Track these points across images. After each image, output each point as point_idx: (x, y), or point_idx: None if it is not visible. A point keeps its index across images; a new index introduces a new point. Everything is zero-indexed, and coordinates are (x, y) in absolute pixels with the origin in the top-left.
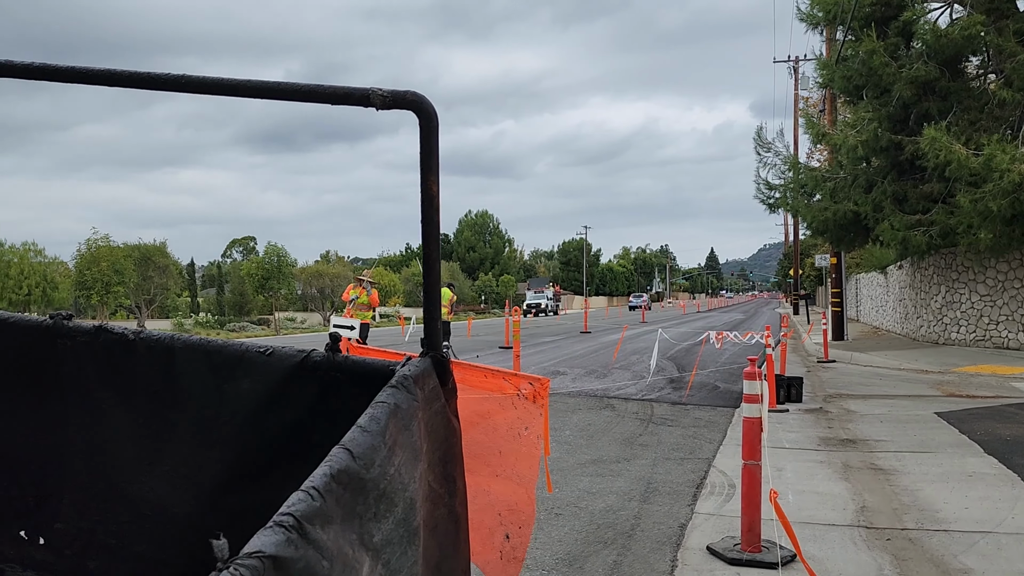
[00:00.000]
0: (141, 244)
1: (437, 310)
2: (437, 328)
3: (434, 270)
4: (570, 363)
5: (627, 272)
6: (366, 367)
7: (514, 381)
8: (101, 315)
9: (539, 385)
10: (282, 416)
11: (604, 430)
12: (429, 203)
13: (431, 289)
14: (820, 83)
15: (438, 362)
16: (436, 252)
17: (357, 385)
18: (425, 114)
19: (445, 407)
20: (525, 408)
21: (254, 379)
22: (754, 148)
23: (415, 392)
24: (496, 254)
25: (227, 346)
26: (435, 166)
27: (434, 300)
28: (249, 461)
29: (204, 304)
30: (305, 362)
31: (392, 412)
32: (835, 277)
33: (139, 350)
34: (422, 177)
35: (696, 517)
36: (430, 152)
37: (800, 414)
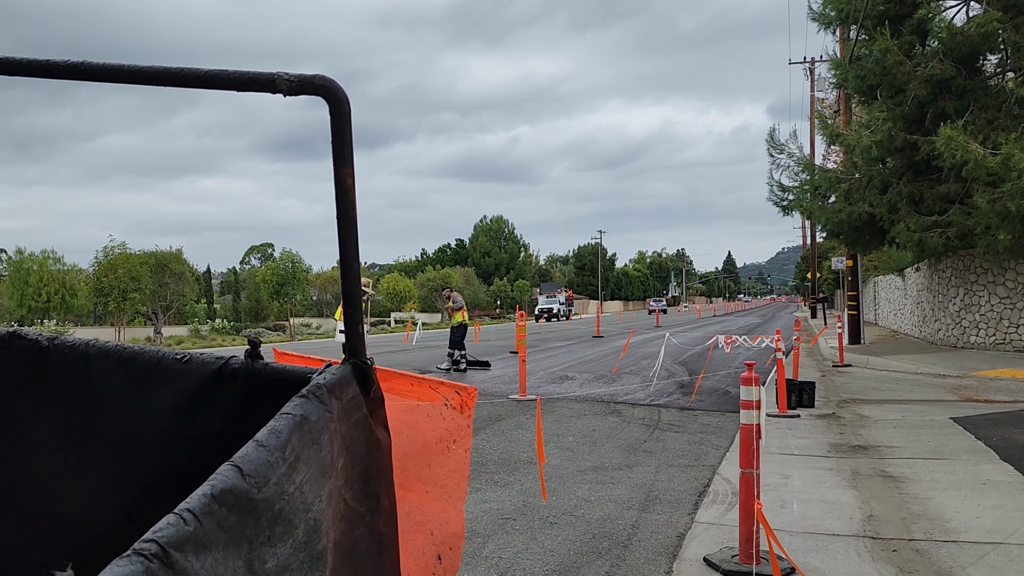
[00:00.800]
0: (157, 251)
1: (357, 313)
2: (359, 333)
3: (352, 270)
4: (579, 368)
5: (643, 276)
6: (285, 375)
7: (441, 390)
8: (119, 321)
9: (465, 395)
10: (202, 426)
11: (608, 436)
12: (344, 197)
13: (350, 291)
14: (834, 83)
15: (359, 369)
16: (354, 251)
17: (278, 393)
18: (335, 100)
19: (368, 418)
20: (453, 419)
21: (171, 387)
22: (767, 150)
23: (328, 402)
24: (511, 259)
25: (143, 353)
26: (349, 157)
27: (353, 302)
28: (169, 473)
29: (221, 310)
30: (223, 370)
31: (297, 425)
32: (851, 280)
33: (53, 357)
34: (335, 169)
35: (696, 526)
36: (343, 141)
37: (811, 420)
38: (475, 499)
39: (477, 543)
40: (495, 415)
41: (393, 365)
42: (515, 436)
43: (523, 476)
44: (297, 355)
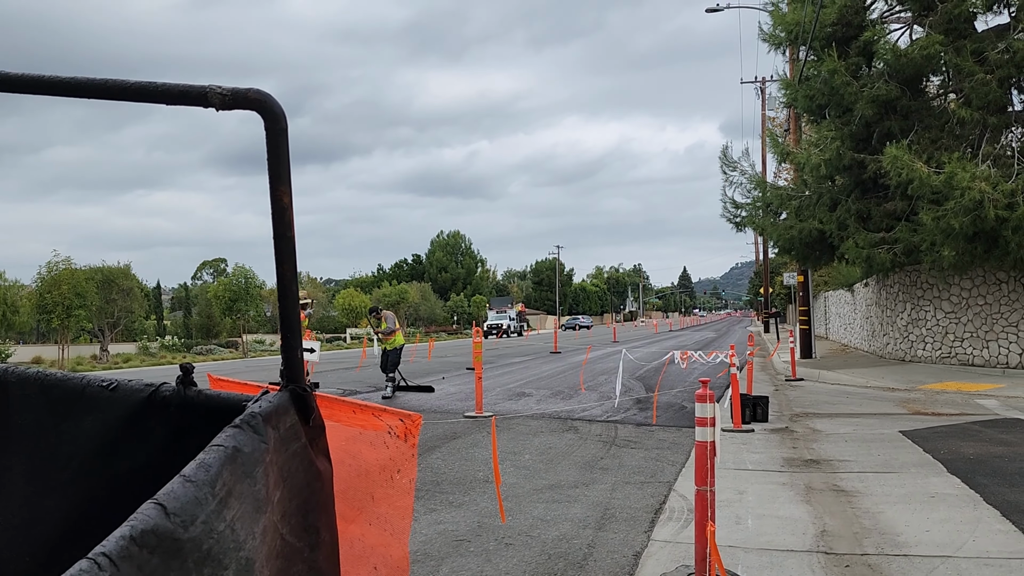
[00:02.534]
0: (104, 266)
1: (296, 338)
2: (298, 357)
3: (291, 293)
4: (537, 384)
5: (600, 292)
6: (220, 402)
7: (385, 417)
8: (63, 339)
9: (410, 422)
10: (130, 459)
11: (565, 453)
12: (281, 216)
13: (288, 314)
14: (784, 103)
15: (298, 396)
16: (292, 273)
17: (213, 423)
18: (271, 115)
19: (307, 447)
20: (397, 448)
21: (97, 417)
22: (720, 167)
23: (264, 432)
24: (468, 274)
25: (67, 380)
26: (286, 174)
27: (291, 326)
28: (92, 510)
29: (171, 327)
30: (153, 397)
31: (229, 458)
32: (802, 295)
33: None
34: (272, 187)
35: (652, 545)
36: (279, 158)
37: (765, 434)
38: (429, 520)
39: (430, 566)
40: (451, 433)
41: (348, 383)
42: (471, 455)
43: (479, 496)
44: (233, 381)
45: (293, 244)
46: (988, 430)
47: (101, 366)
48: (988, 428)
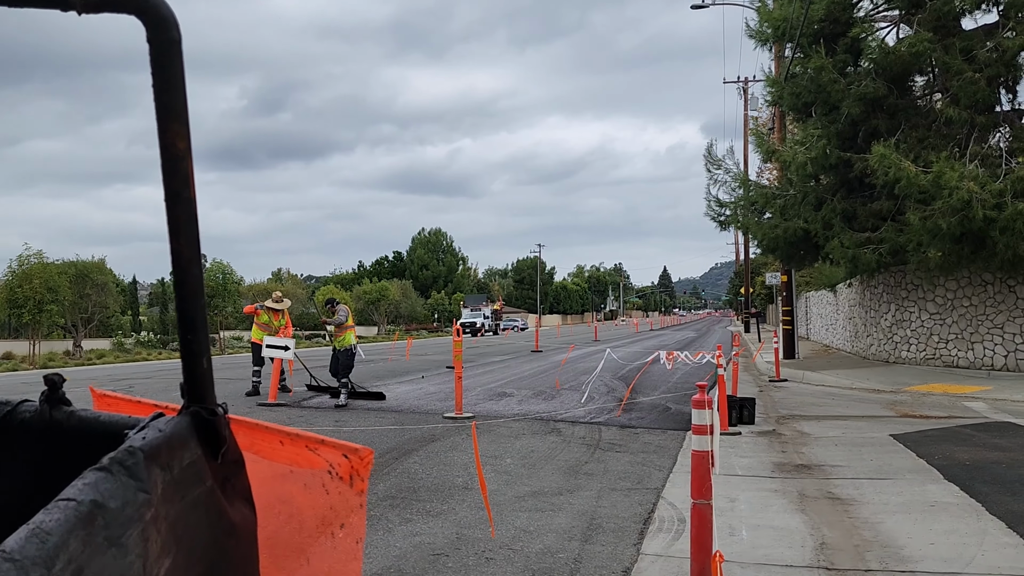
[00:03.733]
0: (78, 261)
1: (201, 340)
2: (203, 368)
3: (191, 275)
4: (518, 384)
5: (581, 290)
6: (100, 427)
7: (323, 451)
8: (34, 335)
9: (356, 459)
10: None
11: (548, 457)
12: (173, 169)
13: (187, 306)
14: (769, 101)
15: (202, 422)
16: (193, 249)
17: (89, 455)
18: (156, 19)
19: (215, 493)
20: (339, 494)
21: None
22: (704, 165)
23: (146, 476)
24: (450, 272)
25: None
26: (180, 106)
27: (192, 324)
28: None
29: (147, 323)
30: (8, 420)
31: (82, 519)
32: (786, 295)
33: None
34: (160, 126)
35: (642, 559)
36: (169, 81)
37: (753, 437)
38: (405, 531)
39: None
40: (429, 435)
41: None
42: (449, 459)
43: (457, 504)
44: (124, 398)
45: (194, 210)
46: (980, 434)
47: (74, 362)
48: (980, 432)
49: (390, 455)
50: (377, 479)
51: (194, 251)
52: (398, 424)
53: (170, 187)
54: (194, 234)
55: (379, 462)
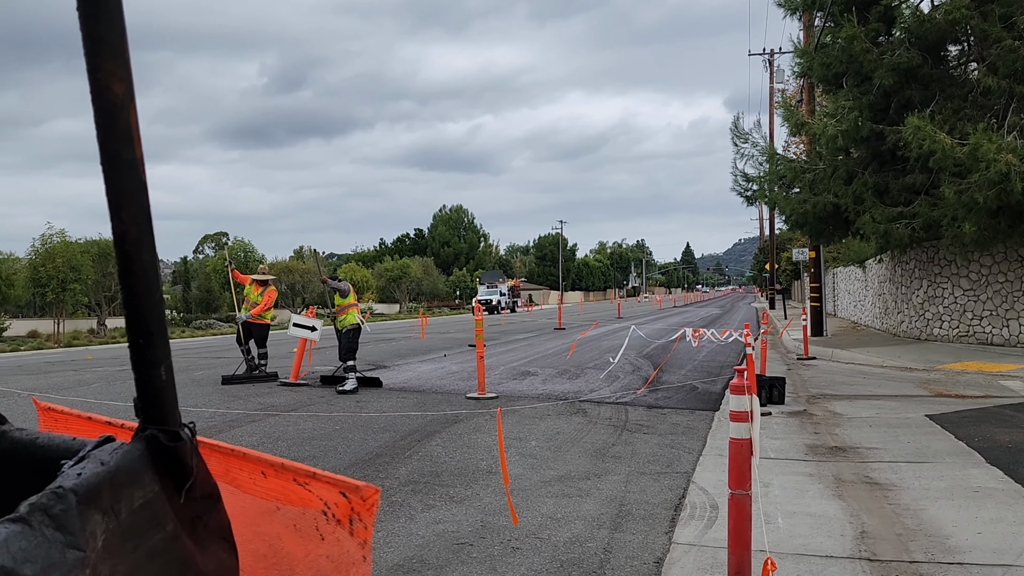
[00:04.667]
0: (101, 239)
1: (159, 349)
2: (160, 381)
3: (141, 264)
4: (541, 362)
5: (603, 267)
6: (35, 451)
7: (316, 488)
8: (58, 313)
9: (357, 499)
10: None
11: (574, 439)
12: (111, 120)
13: (140, 303)
14: (798, 72)
15: (160, 449)
16: (142, 231)
17: (16, 482)
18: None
19: (178, 538)
20: (337, 541)
21: None
22: (731, 139)
23: (76, 527)
24: (471, 249)
25: None
26: (114, 33)
27: (144, 326)
28: None
29: (170, 301)
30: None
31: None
32: (813, 271)
33: None
34: (89, 63)
35: (675, 549)
36: (99, 1)
37: (784, 418)
38: (427, 519)
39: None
40: (452, 416)
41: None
42: (473, 441)
43: (481, 489)
44: (73, 413)
45: (141, 175)
46: (1020, 415)
47: (99, 340)
48: (1020, 412)
49: (412, 437)
50: (399, 463)
51: (143, 231)
52: (420, 405)
53: (107, 147)
54: (143, 209)
55: (401, 445)
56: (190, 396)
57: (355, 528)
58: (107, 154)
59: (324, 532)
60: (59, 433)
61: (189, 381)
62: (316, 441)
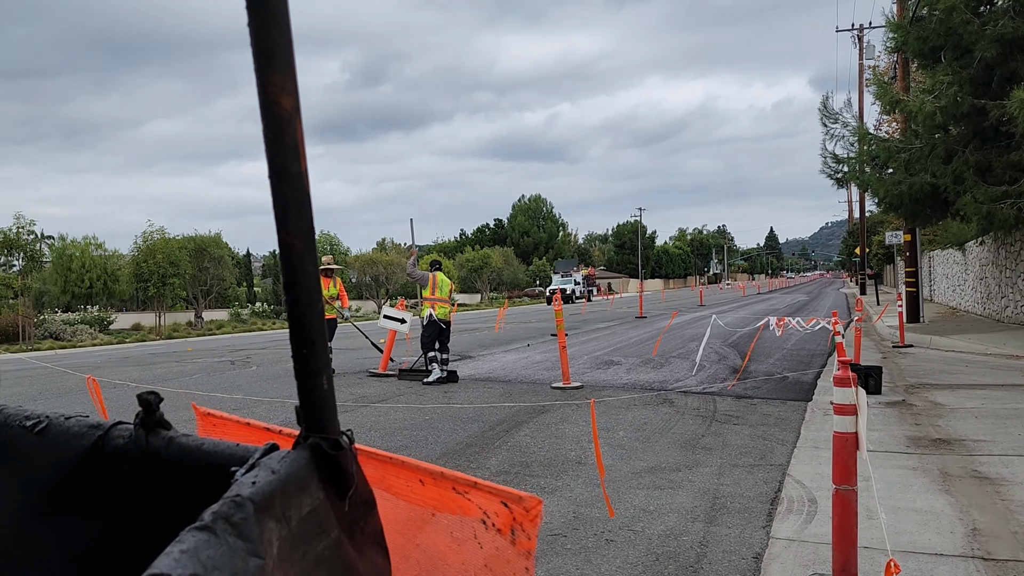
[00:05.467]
0: (196, 235)
1: (321, 359)
2: (323, 389)
3: (306, 276)
4: (624, 352)
5: (683, 254)
6: (200, 457)
7: (475, 496)
8: (159, 307)
9: (519, 509)
10: (60, 537)
11: (662, 430)
12: (279, 134)
13: (304, 313)
14: (891, 47)
15: (324, 458)
16: (307, 242)
17: (185, 487)
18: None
19: (341, 544)
20: (496, 550)
21: (14, 473)
22: (820, 120)
23: (255, 535)
24: (550, 238)
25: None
26: (283, 49)
27: (308, 336)
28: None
29: (261, 294)
30: (100, 446)
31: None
32: (909, 255)
33: None
34: (259, 77)
35: (773, 544)
36: (269, 15)
37: (881, 408)
38: None
39: None
40: (538, 406)
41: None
42: (561, 431)
43: (571, 480)
44: (230, 419)
45: (305, 188)
46: None
47: (196, 332)
48: None
49: (500, 427)
50: (489, 453)
51: (307, 243)
52: (506, 395)
53: (275, 160)
54: (307, 221)
55: (490, 435)
56: (284, 386)
57: (517, 538)
58: (275, 167)
59: (482, 541)
60: (217, 438)
61: (283, 372)
62: (407, 431)
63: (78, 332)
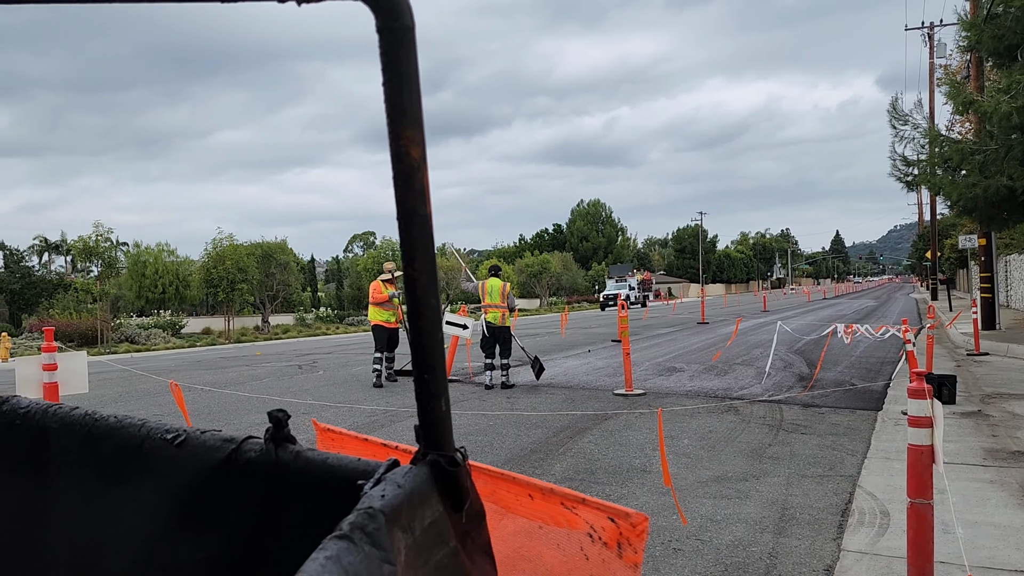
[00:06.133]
0: (263, 242)
1: (440, 383)
2: (441, 412)
3: (429, 308)
4: (686, 358)
5: (746, 258)
6: (325, 471)
7: (583, 511)
8: (229, 311)
9: (626, 525)
10: (196, 545)
11: (727, 438)
12: (409, 181)
13: (426, 341)
14: (964, 46)
15: (442, 473)
16: (429, 272)
17: (312, 499)
18: (386, 6)
19: (457, 553)
20: (603, 563)
21: (157, 484)
22: (888, 121)
23: (387, 544)
24: (609, 243)
25: (121, 428)
26: (414, 108)
27: (430, 362)
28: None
29: (325, 299)
30: (233, 459)
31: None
32: (984, 260)
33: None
34: (391, 131)
35: (845, 557)
36: (401, 77)
37: (955, 419)
38: None
39: None
40: (601, 413)
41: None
42: (624, 438)
43: (636, 487)
44: (349, 435)
45: (430, 229)
46: None
47: (263, 337)
48: None
49: (564, 434)
50: (554, 460)
51: (431, 278)
52: (569, 401)
53: (404, 204)
54: (431, 258)
55: (554, 441)
56: (351, 391)
57: (624, 552)
58: (404, 210)
59: (588, 553)
60: (335, 451)
61: (349, 377)
62: (472, 436)
63: (152, 336)
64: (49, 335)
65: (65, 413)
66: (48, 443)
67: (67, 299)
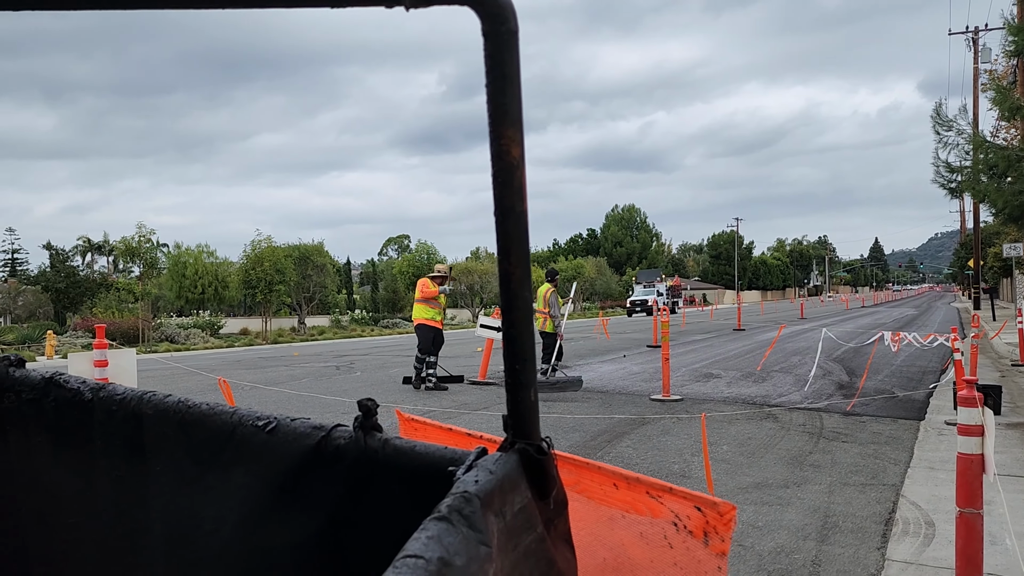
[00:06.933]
0: (301, 244)
1: (530, 374)
2: (530, 402)
3: (522, 301)
4: (724, 364)
5: (782, 265)
6: (415, 458)
7: (668, 500)
8: (266, 312)
9: (713, 514)
10: (288, 527)
11: (767, 445)
12: (507, 180)
13: (518, 333)
14: (1011, 51)
15: (531, 461)
16: (523, 268)
17: (401, 485)
18: (493, 10)
19: (544, 539)
20: (687, 551)
21: (249, 469)
22: (932, 127)
23: (483, 526)
24: (643, 248)
25: (213, 415)
26: (515, 109)
27: (521, 353)
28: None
29: (360, 301)
30: (323, 445)
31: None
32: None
33: (97, 414)
34: (492, 131)
35: (890, 566)
36: (506, 79)
37: (1001, 429)
38: None
39: None
40: (638, 418)
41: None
42: (663, 443)
43: None
44: (431, 424)
45: (525, 226)
46: None
47: (299, 338)
48: None
49: (602, 438)
50: None
51: (525, 272)
52: (606, 405)
53: (502, 200)
54: (525, 253)
55: (591, 445)
56: (389, 393)
57: (711, 541)
58: (502, 207)
59: (673, 541)
60: (420, 440)
61: (386, 378)
62: None
63: (191, 335)
64: (100, 332)
65: (159, 400)
66: (144, 429)
67: (109, 298)
